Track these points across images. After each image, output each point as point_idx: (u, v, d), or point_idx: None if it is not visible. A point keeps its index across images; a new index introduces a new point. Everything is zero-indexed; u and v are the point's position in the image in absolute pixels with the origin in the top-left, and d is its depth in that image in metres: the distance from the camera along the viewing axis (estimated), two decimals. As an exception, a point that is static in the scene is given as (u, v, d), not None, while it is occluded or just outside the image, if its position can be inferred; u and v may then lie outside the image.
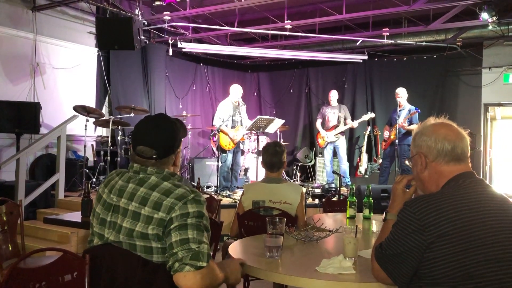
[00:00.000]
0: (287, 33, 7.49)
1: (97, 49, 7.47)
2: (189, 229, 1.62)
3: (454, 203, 1.46)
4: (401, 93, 6.94)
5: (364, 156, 8.50)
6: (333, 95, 7.84)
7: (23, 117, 6.09)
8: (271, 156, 3.16)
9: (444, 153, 1.57)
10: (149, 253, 1.65)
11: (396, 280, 1.52)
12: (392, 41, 7.79)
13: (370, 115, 7.80)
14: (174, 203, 1.65)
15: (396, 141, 6.77)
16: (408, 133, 6.90)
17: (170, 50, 7.84)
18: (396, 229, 1.51)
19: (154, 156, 1.78)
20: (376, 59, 8.98)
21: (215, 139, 6.79)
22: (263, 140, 7.58)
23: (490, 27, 6.91)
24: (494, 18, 6.24)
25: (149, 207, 1.66)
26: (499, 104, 8.08)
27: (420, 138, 1.63)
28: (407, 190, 1.80)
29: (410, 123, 6.83)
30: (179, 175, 1.84)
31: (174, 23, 7.65)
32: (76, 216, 3.30)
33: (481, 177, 1.61)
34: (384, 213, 1.80)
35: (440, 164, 1.58)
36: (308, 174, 9.06)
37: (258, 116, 6.75)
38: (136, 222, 1.66)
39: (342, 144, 7.72)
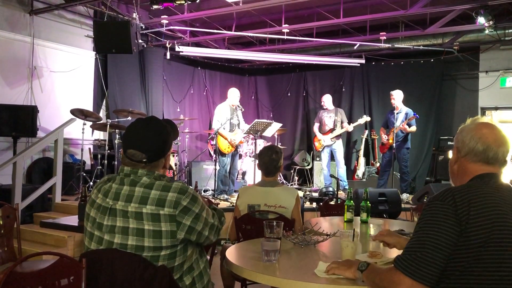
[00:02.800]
0: (285, 37, 7.51)
1: (94, 52, 7.47)
2: (203, 214, 1.81)
3: (482, 196, 1.46)
4: (396, 95, 6.95)
5: (362, 160, 8.50)
6: (326, 99, 7.85)
7: (20, 121, 6.08)
8: (267, 164, 3.17)
9: (474, 152, 1.59)
10: (158, 238, 1.69)
11: (430, 280, 1.41)
12: (389, 45, 7.82)
13: (366, 118, 7.80)
14: (178, 197, 1.73)
15: (394, 145, 6.79)
16: (406, 137, 6.92)
17: (168, 53, 7.85)
18: (427, 224, 1.45)
19: (144, 160, 1.79)
20: (373, 63, 9.00)
21: (212, 142, 6.78)
22: (261, 144, 7.58)
23: (486, 31, 6.94)
24: (491, 22, 6.26)
25: (151, 205, 1.70)
26: (496, 108, 8.11)
27: (460, 133, 1.67)
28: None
29: (409, 126, 6.85)
30: (168, 177, 1.86)
31: (171, 27, 7.66)
32: (73, 220, 3.30)
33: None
34: (363, 264, 1.67)
35: (468, 161, 1.61)
36: (305, 177, 9.05)
37: (256, 120, 6.75)
38: (141, 221, 1.69)
39: (339, 148, 7.71)
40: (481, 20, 6.26)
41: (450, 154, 1.77)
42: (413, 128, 6.84)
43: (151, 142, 1.82)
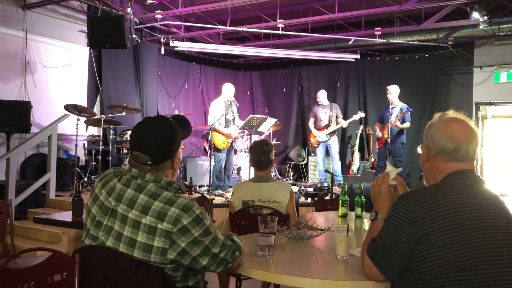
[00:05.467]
0: (280, 32, 7.49)
1: (88, 47, 7.43)
2: (204, 240, 1.65)
3: (447, 197, 1.48)
4: (392, 90, 6.97)
5: (357, 155, 8.52)
6: (321, 95, 7.86)
7: (13, 116, 6.04)
8: (258, 155, 3.16)
9: (445, 152, 1.59)
10: (147, 252, 1.62)
11: (386, 273, 1.53)
12: (384, 40, 7.82)
13: (361, 114, 7.83)
14: (180, 214, 1.62)
15: (389, 140, 6.81)
16: (401, 131, 6.94)
17: (162, 48, 7.82)
18: (389, 222, 1.54)
19: (149, 162, 1.73)
20: (368, 58, 9.01)
21: (209, 138, 6.77)
22: (256, 139, 7.57)
23: (481, 27, 6.96)
24: (485, 17, 6.28)
25: (151, 216, 1.63)
26: (490, 103, 8.14)
27: (430, 131, 1.65)
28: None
29: (403, 121, 6.86)
30: (177, 184, 1.79)
31: (166, 22, 7.62)
32: (67, 216, 3.26)
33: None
34: (374, 213, 1.79)
35: (440, 161, 1.61)
36: (300, 173, 9.07)
37: (251, 115, 6.74)
38: (136, 231, 1.63)
39: (334, 143, 7.73)
40: (475, 15, 6.27)
41: (419, 149, 1.75)
42: (406, 124, 6.85)
43: (156, 145, 1.75)
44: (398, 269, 1.51)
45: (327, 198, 4.52)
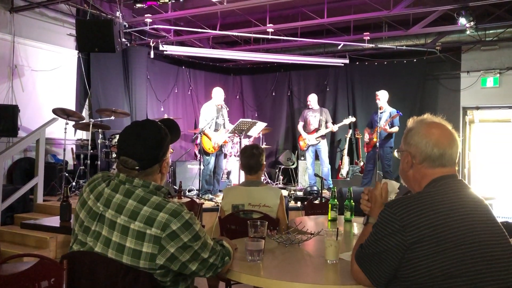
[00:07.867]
0: (269, 36, 7.51)
1: (77, 51, 7.38)
2: (193, 245, 1.64)
3: (435, 204, 1.48)
4: (381, 95, 7.04)
5: (346, 159, 8.56)
6: (311, 99, 7.89)
7: (0, 120, 5.96)
8: (248, 159, 3.16)
9: (432, 159, 1.58)
10: (136, 258, 1.60)
11: (374, 280, 1.53)
12: (373, 45, 7.88)
13: (351, 119, 7.87)
14: (169, 219, 1.61)
15: (378, 144, 6.85)
16: (390, 135, 6.99)
17: (152, 52, 7.79)
18: (377, 229, 1.53)
19: (137, 167, 1.72)
20: (357, 62, 9.06)
21: (198, 142, 6.76)
22: (246, 143, 7.57)
23: (468, 32, 7.04)
24: (472, 23, 6.35)
25: (139, 221, 1.61)
26: (477, 108, 8.24)
27: (411, 137, 1.63)
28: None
29: (391, 125, 6.92)
30: (166, 188, 1.78)
31: (155, 26, 7.60)
32: (55, 221, 3.23)
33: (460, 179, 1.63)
34: (366, 218, 1.81)
35: (425, 168, 1.60)
36: (290, 177, 9.08)
37: (241, 119, 6.74)
38: (125, 236, 1.61)
39: (323, 147, 7.75)
40: (462, 21, 6.34)
41: (396, 154, 1.73)
42: (395, 129, 6.91)
43: (143, 149, 1.73)
44: (385, 277, 1.50)
45: (316, 202, 4.53)
